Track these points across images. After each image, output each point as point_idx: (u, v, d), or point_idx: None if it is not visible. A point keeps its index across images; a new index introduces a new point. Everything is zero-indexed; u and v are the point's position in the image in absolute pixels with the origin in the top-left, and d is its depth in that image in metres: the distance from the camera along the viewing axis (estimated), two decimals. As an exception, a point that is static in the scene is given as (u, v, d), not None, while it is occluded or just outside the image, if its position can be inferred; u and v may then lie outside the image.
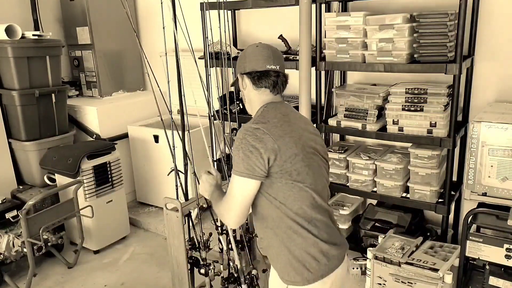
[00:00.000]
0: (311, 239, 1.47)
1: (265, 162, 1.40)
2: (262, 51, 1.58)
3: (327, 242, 1.48)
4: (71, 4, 3.89)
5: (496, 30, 2.55)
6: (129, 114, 3.92)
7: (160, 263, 3.16)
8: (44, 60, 3.33)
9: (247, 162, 1.40)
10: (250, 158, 1.40)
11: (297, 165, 1.43)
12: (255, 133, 1.42)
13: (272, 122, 1.46)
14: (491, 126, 2.12)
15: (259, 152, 1.40)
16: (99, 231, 3.30)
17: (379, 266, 2.37)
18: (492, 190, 2.18)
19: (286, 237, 1.48)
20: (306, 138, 1.52)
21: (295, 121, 1.54)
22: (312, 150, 1.52)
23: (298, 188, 1.44)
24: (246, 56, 1.60)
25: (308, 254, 1.47)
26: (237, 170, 1.43)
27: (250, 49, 1.62)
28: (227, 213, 1.49)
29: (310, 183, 1.46)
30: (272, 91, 1.58)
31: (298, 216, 1.46)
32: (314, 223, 1.48)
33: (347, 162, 2.87)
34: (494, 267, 2.22)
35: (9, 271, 2.98)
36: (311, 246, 1.47)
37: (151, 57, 4.25)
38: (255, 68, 1.57)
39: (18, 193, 3.27)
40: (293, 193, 1.44)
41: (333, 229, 1.55)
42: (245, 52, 1.62)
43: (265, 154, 1.40)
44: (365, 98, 2.72)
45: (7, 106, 3.32)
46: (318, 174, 1.52)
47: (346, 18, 2.61)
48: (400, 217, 2.80)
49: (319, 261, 1.47)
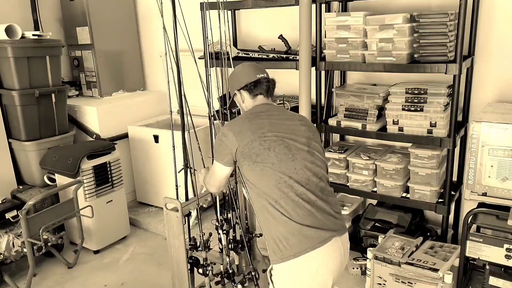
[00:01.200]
0: (281, 218, 1.62)
1: (232, 152, 1.74)
2: (249, 67, 1.92)
3: (299, 223, 1.61)
4: (71, 4, 3.89)
5: (496, 30, 2.55)
6: (129, 114, 3.93)
7: (160, 263, 3.16)
8: (44, 60, 3.33)
9: (219, 152, 1.80)
10: (221, 148, 1.79)
11: (255, 149, 1.68)
12: (223, 131, 1.80)
13: (235, 121, 1.83)
14: (491, 126, 2.11)
15: (226, 145, 1.76)
16: (99, 231, 3.30)
17: (379, 266, 2.37)
18: (492, 190, 2.18)
19: (263, 217, 1.70)
20: (275, 128, 1.74)
21: (269, 116, 1.79)
22: (277, 137, 1.72)
23: (260, 168, 1.67)
24: (237, 74, 1.92)
25: (280, 233, 1.62)
26: (214, 158, 1.84)
27: (238, 69, 1.94)
28: (209, 184, 1.96)
29: (272, 163, 1.66)
30: (265, 96, 1.89)
31: (267, 195, 1.66)
32: (284, 203, 1.63)
33: (347, 162, 2.87)
34: (494, 267, 2.22)
35: (9, 271, 2.98)
36: (282, 225, 1.62)
37: (151, 57, 4.28)
38: (248, 81, 1.87)
39: (18, 193, 3.27)
40: (256, 173, 1.68)
41: (312, 213, 1.64)
42: (234, 72, 1.95)
43: (229, 146, 1.75)
44: (365, 98, 2.72)
45: (7, 106, 3.32)
46: (288, 157, 1.69)
47: (346, 18, 2.61)
48: (400, 217, 2.80)
49: (289, 239, 1.60)
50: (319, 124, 2.91)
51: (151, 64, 4.33)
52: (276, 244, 1.63)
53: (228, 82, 2.00)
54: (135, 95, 4.21)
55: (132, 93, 4.21)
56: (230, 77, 1.97)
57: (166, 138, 3.51)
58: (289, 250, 1.60)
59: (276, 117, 1.80)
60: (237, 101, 1.95)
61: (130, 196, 3.96)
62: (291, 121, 1.81)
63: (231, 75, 1.98)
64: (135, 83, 4.30)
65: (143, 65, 4.39)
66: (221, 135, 1.79)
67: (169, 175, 3.00)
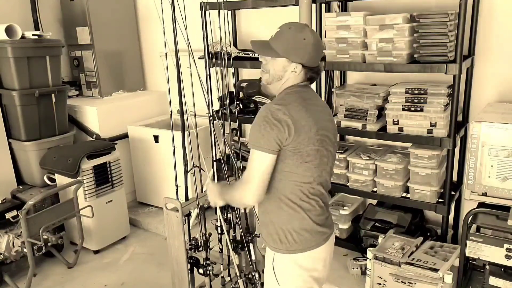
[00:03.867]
0: (300, 215, 1.59)
1: (283, 140, 1.49)
2: (319, 44, 1.61)
3: (315, 223, 1.61)
4: (71, 4, 3.89)
5: (496, 30, 2.55)
6: (129, 114, 3.93)
7: (160, 263, 3.16)
8: (44, 60, 3.33)
9: (267, 138, 1.49)
10: (270, 134, 1.48)
11: (308, 147, 1.53)
12: (277, 113, 1.49)
13: (292, 105, 1.53)
14: (491, 126, 2.11)
15: (279, 130, 1.48)
16: (99, 231, 3.30)
17: (379, 266, 2.37)
18: (492, 190, 2.18)
19: (277, 207, 1.61)
20: (321, 124, 1.58)
21: (314, 107, 1.60)
22: (323, 137, 1.59)
23: (304, 169, 1.54)
24: (308, 46, 1.55)
25: (292, 227, 1.60)
26: (257, 145, 1.51)
27: (312, 39, 1.56)
28: (247, 190, 1.54)
29: (315, 165, 1.56)
30: (307, 82, 1.65)
31: (296, 191, 1.58)
32: (307, 202, 1.59)
33: (347, 162, 2.87)
34: (494, 267, 2.22)
35: (9, 271, 2.98)
36: (298, 220, 1.60)
37: (151, 57, 4.28)
38: (313, 64, 1.60)
39: (18, 193, 3.27)
40: (299, 170, 1.55)
41: (324, 212, 1.67)
42: (308, 40, 1.54)
43: (284, 132, 1.48)
44: (365, 98, 2.72)
45: (7, 106, 3.32)
46: (324, 160, 1.61)
47: (346, 18, 2.61)
48: (400, 217, 2.80)
49: (301, 235, 1.60)
50: (319, 124, 2.91)
51: (151, 64, 4.33)
52: (284, 235, 1.61)
53: (283, 38, 1.56)
54: (135, 95, 4.21)
55: (132, 93, 4.21)
56: (298, 39, 1.54)
57: (166, 138, 3.51)
58: (298, 244, 1.61)
59: (319, 109, 1.63)
60: (275, 66, 1.59)
61: (130, 196, 3.96)
62: (326, 115, 1.67)
63: (299, 37, 1.54)
64: (135, 83, 4.30)
65: (143, 65, 4.39)
66: (272, 117, 1.48)
67: (169, 175, 3.00)
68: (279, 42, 1.57)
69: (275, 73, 1.61)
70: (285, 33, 1.57)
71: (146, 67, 4.39)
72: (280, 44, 1.56)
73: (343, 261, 2.86)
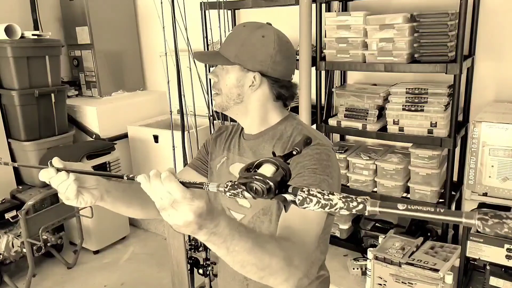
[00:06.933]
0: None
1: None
2: (287, 47, 1.15)
3: None
4: (71, 4, 3.88)
5: (496, 30, 2.55)
6: (129, 114, 3.92)
7: (160, 263, 3.15)
8: (44, 60, 3.33)
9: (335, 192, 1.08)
10: (335, 186, 1.06)
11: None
12: (334, 156, 1.10)
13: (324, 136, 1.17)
14: (492, 126, 2.11)
15: (338, 179, 1.09)
16: (99, 231, 3.30)
17: (380, 266, 2.36)
18: (492, 190, 2.18)
19: (317, 283, 1.23)
20: None
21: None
22: None
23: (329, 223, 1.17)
24: (269, 46, 1.11)
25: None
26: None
27: (275, 37, 1.11)
28: (303, 261, 0.90)
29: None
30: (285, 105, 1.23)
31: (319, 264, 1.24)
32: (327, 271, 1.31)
33: (347, 162, 2.87)
34: (494, 268, 2.22)
35: (8, 272, 2.98)
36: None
37: (151, 57, 4.27)
38: (280, 74, 1.14)
39: (17, 193, 3.27)
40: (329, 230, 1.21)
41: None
42: (268, 38, 1.11)
43: (338, 181, 1.09)
44: (366, 98, 2.71)
45: (7, 106, 3.32)
46: None
47: (346, 18, 2.60)
48: (400, 217, 2.80)
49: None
50: (319, 124, 2.90)
51: (151, 64, 4.32)
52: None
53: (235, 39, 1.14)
54: (135, 95, 4.20)
55: (132, 93, 4.21)
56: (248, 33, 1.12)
57: (166, 138, 3.51)
58: None
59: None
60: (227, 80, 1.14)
61: (130, 196, 3.95)
62: None
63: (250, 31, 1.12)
64: (135, 83, 4.29)
65: (143, 65, 4.39)
66: (336, 161, 1.10)
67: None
68: (230, 45, 1.14)
69: (229, 91, 1.14)
70: (237, 33, 1.15)
71: (146, 67, 4.39)
72: (232, 47, 1.12)
73: (343, 261, 2.86)
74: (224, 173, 1.25)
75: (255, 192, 0.68)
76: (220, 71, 1.16)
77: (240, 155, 1.23)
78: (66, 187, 1.01)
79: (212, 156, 1.32)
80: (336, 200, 0.65)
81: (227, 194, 0.71)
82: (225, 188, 0.71)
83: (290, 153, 0.78)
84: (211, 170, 1.31)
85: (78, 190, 1.03)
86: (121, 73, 4.16)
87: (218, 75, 1.16)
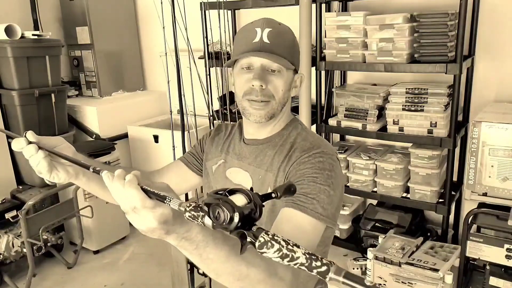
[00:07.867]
0: None
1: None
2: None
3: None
4: (71, 4, 3.88)
5: (496, 30, 2.55)
6: (129, 114, 3.92)
7: (160, 263, 3.15)
8: (44, 60, 3.33)
9: (337, 204, 0.99)
10: (336, 197, 0.99)
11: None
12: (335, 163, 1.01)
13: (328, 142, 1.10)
14: (492, 126, 2.11)
15: (341, 190, 1.02)
16: (99, 231, 3.30)
17: (379, 266, 2.36)
18: (492, 190, 2.18)
19: None
20: None
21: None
22: None
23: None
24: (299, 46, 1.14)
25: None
26: (323, 215, 0.95)
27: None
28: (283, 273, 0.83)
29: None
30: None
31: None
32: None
33: (347, 162, 2.87)
34: (494, 268, 2.22)
35: (8, 271, 2.98)
36: None
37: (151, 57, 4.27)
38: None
39: (17, 193, 3.27)
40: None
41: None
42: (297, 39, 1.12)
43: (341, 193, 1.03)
44: (365, 98, 2.71)
45: (7, 106, 3.32)
46: None
47: (346, 18, 2.60)
48: (400, 217, 2.80)
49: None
50: (319, 124, 2.90)
51: (151, 64, 4.32)
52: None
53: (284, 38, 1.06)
54: (135, 95, 4.20)
55: (132, 93, 4.20)
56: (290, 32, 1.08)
57: (166, 138, 3.51)
58: None
59: None
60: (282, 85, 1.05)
61: (130, 196, 3.95)
62: None
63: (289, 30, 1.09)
64: (135, 83, 4.29)
65: (143, 65, 4.39)
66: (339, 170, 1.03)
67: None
68: (280, 45, 1.04)
69: (282, 97, 1.05)
70: (283, 32, 1.07)
71: (146, 67, 4.39)
72: (282, 48, 1.04)
73: (343, 261, 2.86)
74: (221, 178, 1.21)
75: (216, 218, 0.63)
76: (269, 75, 1.03)
77: (239, 160, 1.17)
78: (37, 162, 0.99)
79: (208, 156, 1.28)
80: (299, 254, 0.59)
81: (186, 215, 0.66)
82: (186, 208, 0.66)
83: (269, 194, 0.71)
84: (207, 171, 1.27)
85: (53, 165, 1.00)
86: (121, 73, 4.16)
87: (267, 80, 1.02)
